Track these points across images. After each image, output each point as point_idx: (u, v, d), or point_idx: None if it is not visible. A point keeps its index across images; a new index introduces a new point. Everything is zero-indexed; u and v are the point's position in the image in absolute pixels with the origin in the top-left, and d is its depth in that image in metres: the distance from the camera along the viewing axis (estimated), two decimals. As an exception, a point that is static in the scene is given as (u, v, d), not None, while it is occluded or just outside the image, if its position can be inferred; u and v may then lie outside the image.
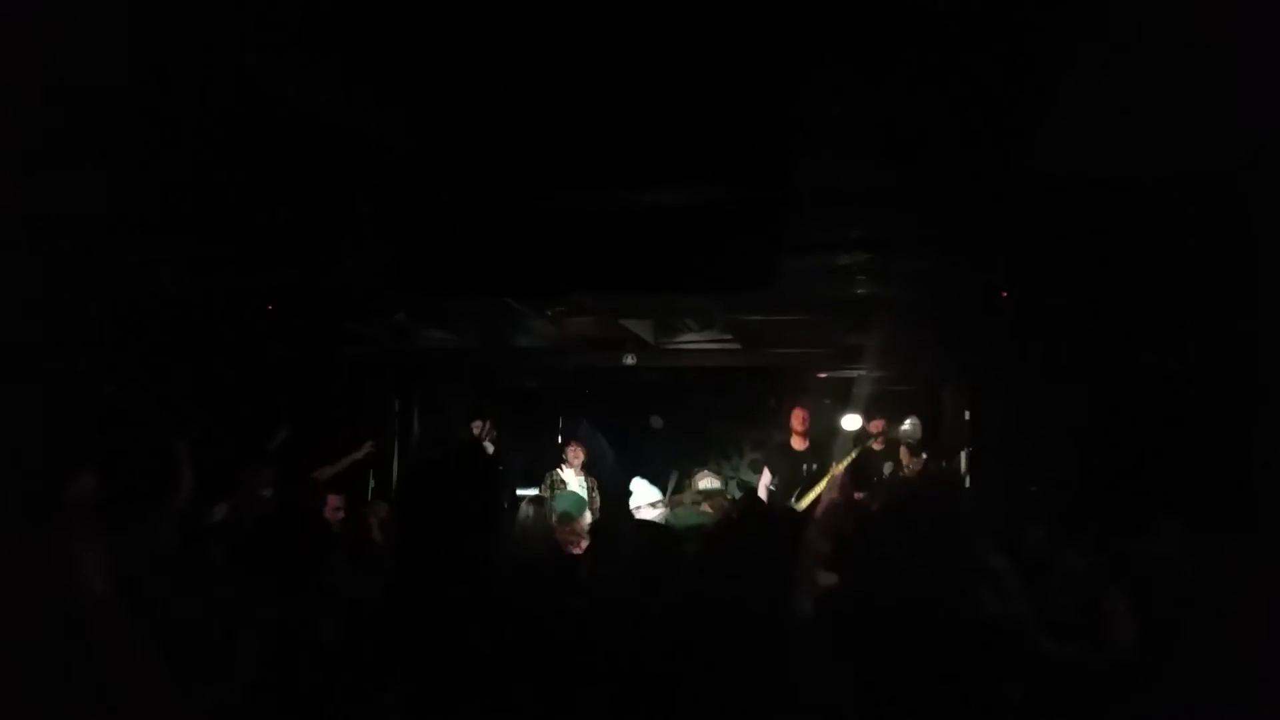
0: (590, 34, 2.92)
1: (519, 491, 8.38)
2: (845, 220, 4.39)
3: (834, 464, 7.53)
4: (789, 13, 2.77)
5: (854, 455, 7.55)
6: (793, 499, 7.09)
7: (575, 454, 8.14)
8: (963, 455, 7.87)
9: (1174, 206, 4.09)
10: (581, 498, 6.63)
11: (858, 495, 6.28)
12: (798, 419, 8.02)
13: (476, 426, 8.76)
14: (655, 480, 7.78)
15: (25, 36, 2.86)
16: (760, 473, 8.84)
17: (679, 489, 7.68)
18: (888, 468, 7.95)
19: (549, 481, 8.01)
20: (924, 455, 7.65)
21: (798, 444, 7.96)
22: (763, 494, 7.85)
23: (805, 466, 7.74)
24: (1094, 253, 4.74)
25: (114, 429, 5.56)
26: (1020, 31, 2.82)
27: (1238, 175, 3.76)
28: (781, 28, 2.86)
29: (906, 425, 8.54)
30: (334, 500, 5.88)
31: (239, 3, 2.75)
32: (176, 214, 4.53)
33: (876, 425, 8.03)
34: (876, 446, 7.80)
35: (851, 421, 8.57)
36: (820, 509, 5.80)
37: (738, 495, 7.42)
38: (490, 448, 8.65)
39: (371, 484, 8.47)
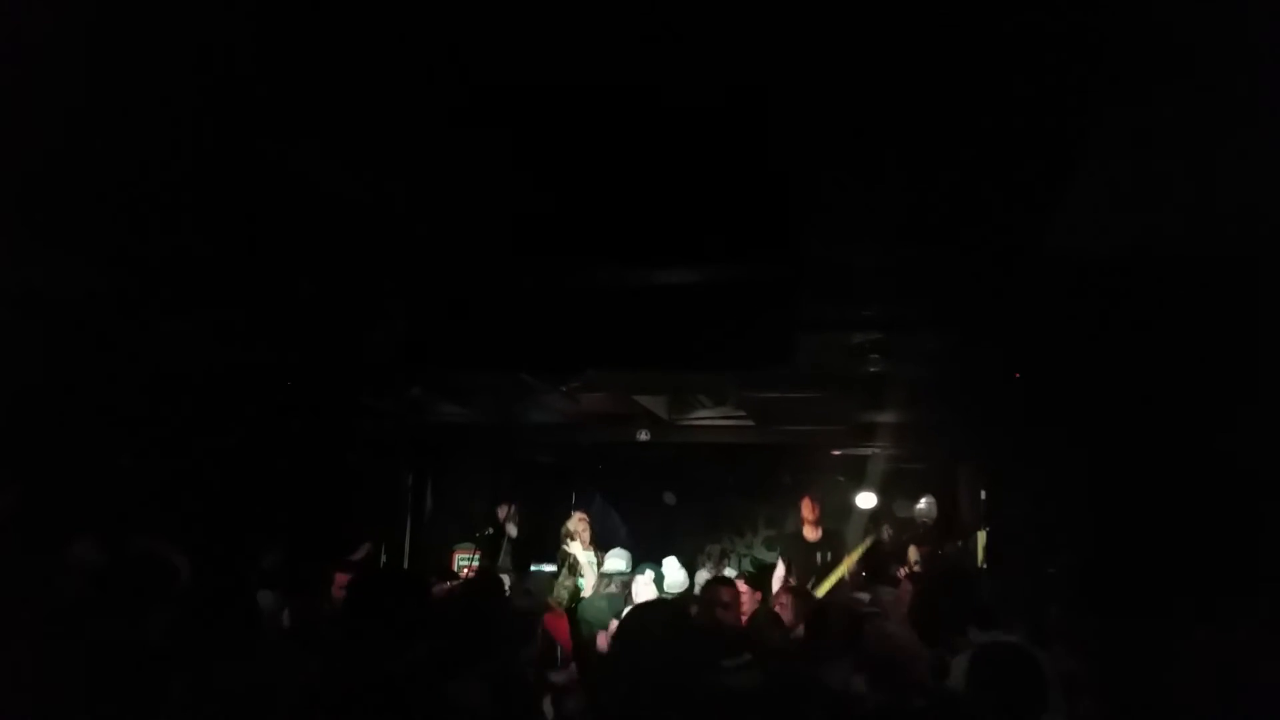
0: (605, 115, 2.99)
1: (534, 568, 8.33)
2: (859, 299, 4.43)
3: (847, 556, 7.48)
4: (805, 93, 2.83)
5: (865, 547, 7.49)
6: (809, 586, 6.98)
7: (581, 524, 8.04)
8: (980, 536, 7.78)
9: (1190, 289, 4.11)
10: (605, 609, 6.59)
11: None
12: (808, 509, 7.96)
13: (502, 511, 8.72)
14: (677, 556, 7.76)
15: (46, 110, 2.94)
16: (774, 549, 8.77)
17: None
18: (912, 553, 7.86)
19: (565, 562, 7.93)
20: (933, 548, 7.58)
21: (810, 534, 7.90)
22: (777, 585, 7.71)
23: (819, 556, 7.67)
24: (1108, 334, 4.75)
25: (130, 500, 5.58)
26: (1036, 114, 2.87)
27: (1255, 258, 3.78)
28: (798, 107, 2.92)
29: (921, 504, 8.49)
30: (340, 578, 5.81)
31: (262, 81, 2.83)
32: (195, 289, 4.60)
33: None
34: (885, 537, 7.72)
35: (866, 500, 8.52)
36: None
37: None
38: (514, 530, 8.60)
39: (383, 559, 8.42)
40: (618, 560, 7.25)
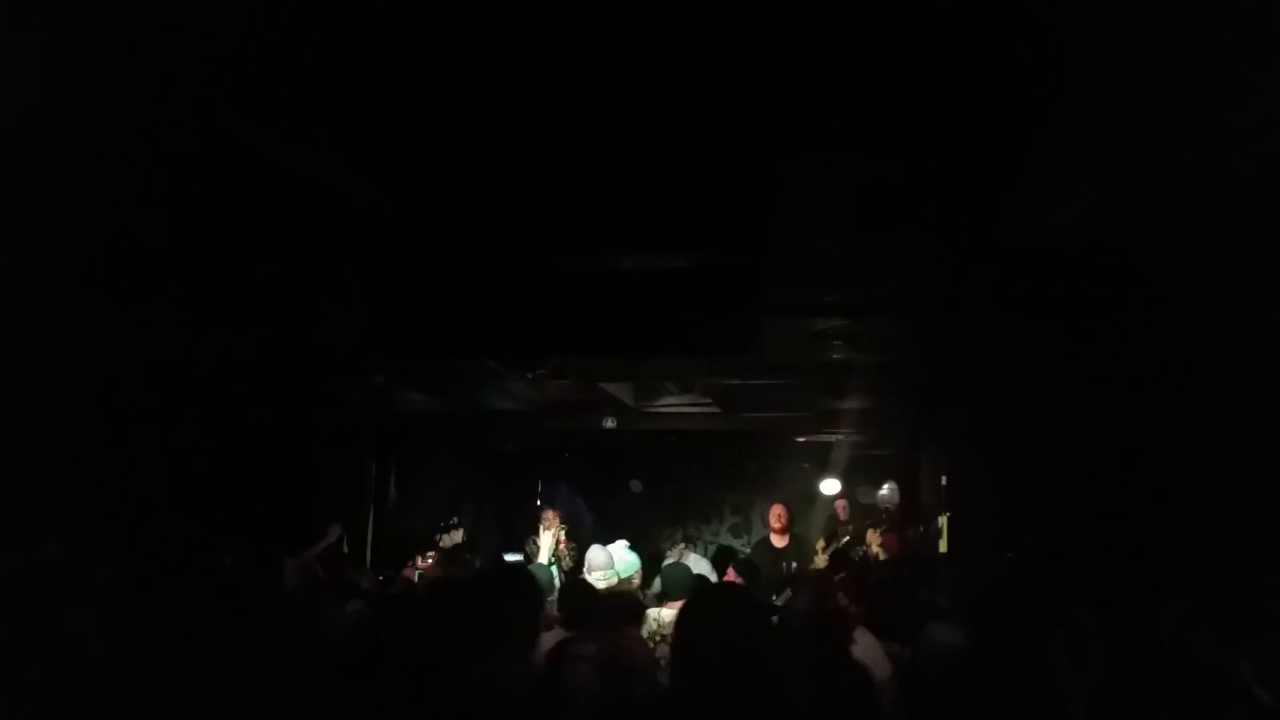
0: (568, 100, 2.98)
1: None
2: (822, 285, 4.45)
3: (813, 559, 7.53)
4: (766, 78, 2.84)
5: (830, 554, 7.53)
6: (774, 598, 6.92)
7: (550, 519, 8.06)
8: (941, 520, 7.88)
9: (1148, 271, 4.17)
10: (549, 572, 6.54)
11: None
12: (775, 516, 7.97)
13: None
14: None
15: None
16: (739, 536, 8.78)
17: None
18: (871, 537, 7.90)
19: (531, 547, 7.95)
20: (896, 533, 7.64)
21: (778, 541, 7.92)
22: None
23: (785, 565, 7.68)
24: (1069, 319, 4.81)
25: (86, 489, 5.50)
26: (997, 97, 2.90)
27: (1211, 239, 3.83)
28: (759, 93, 2.93)
29: (884, 490, 8.59)
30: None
31: (220, 60, 2.79)
32: (152, 273, 4.53)
33: (840, 505, 8.01)
34: (844, 541, 7.74)
35: (830, 486, 8.61)
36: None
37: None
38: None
39: (345, 549, 8.37)
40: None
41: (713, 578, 7.09)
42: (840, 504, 8.15)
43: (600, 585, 5.73)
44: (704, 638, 2.31)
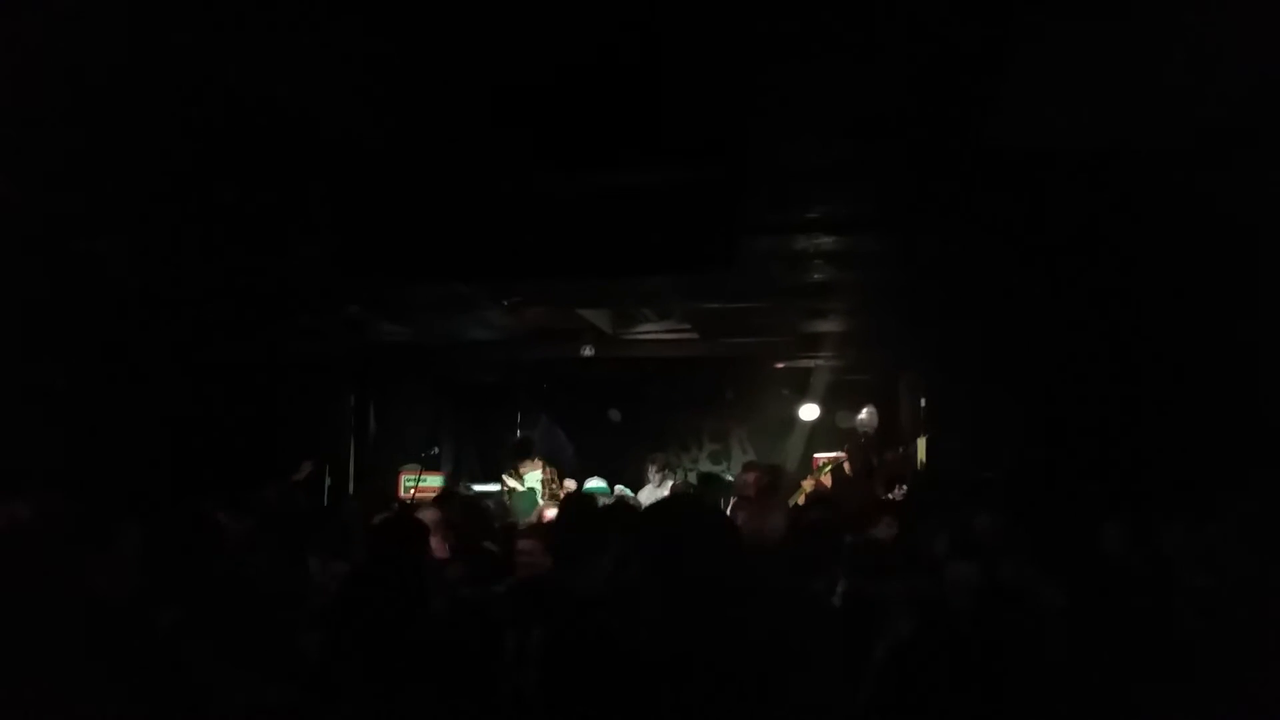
0: (543, 17, 2.89)
1: (476, 488, 8.32)
2: (801, 201, 4.39)
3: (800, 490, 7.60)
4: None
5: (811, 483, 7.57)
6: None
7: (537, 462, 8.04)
8: (920, 443, 7.94)
9: (1130, 187, 4.13)
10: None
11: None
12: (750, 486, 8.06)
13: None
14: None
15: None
16: (719, 463, 8.83)
17: None
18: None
19: (512, 480, 7.95)
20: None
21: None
22: None
23: None
24: (1052, 233, 4.78)
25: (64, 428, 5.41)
26: (977, 8, 2.83)
27: (1195, 154, 3.79)
28: (737, 6, 2.85)
29: (863, 415, 8.62)
30: None
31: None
32: (121, 206, 4.42)
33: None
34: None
35: (809, 411, 8.64)
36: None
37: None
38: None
39: (328, 482, 8.35)
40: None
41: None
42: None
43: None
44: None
